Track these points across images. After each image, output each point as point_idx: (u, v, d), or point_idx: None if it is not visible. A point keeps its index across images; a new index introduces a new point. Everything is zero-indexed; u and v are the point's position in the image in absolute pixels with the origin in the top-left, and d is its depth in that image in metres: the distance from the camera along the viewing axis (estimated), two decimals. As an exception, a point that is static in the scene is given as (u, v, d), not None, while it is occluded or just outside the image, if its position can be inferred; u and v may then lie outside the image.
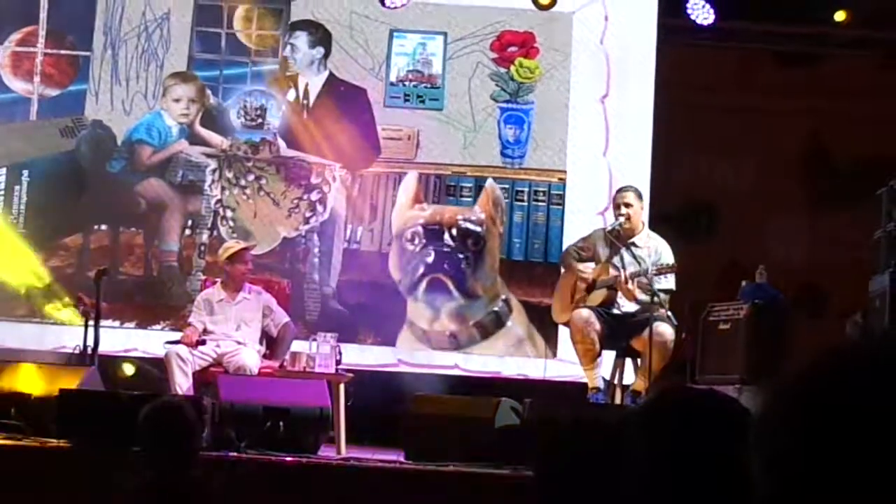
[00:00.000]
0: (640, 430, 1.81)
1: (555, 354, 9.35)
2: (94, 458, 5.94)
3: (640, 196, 7.87)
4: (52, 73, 9.94)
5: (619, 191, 7.96)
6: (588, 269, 7.74)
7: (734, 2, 9.88)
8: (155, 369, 8.66)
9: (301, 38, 9.96)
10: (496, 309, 9.63)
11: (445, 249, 9.55)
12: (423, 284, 9.51)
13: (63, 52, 9.96)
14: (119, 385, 8.33)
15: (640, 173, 9.46)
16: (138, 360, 9.33)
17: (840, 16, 9.80)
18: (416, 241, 9.58)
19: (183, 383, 7.70)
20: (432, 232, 9.58)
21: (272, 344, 8.16)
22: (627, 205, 7.71)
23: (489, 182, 9.72)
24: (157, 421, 4.14)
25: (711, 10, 9.78)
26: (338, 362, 7.75)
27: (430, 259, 9.53)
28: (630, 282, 7.53)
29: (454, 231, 9.58)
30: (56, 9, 9.94)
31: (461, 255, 9.56)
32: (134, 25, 9.93)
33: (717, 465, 1.69)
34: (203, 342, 7.95)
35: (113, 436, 5.79)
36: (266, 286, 8.46)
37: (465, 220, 9.63)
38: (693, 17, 9.85)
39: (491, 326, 9.61)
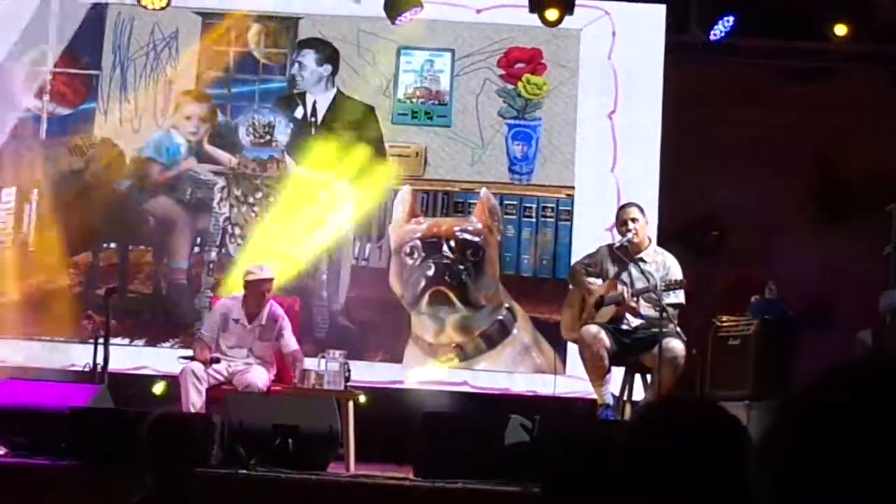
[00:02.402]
0: (632, 441, 1.80)
1: (564, 370, 9.32)
2: (103, 477, 5.93)
3: (643, 211, 7.86)
4: (65, 91, 9.97)
5: (623, 207, 7.94)
6: (597, 283, 7.73)
7: (742, 18, 9.87)
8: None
9: (309, 56, 9.98)
10: (500, 317, 9.62)
11: (445, 261, 9.56)
12: (426, 298, 9.52)
13: (72, 70, 9.99)
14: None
15: (648, 189, 9.45)
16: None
17: (841, 30, 9.76)
18: (416, 255, 9.59)
19: (196, 401, 7.70)
20: (430, 245, 9.59)
21: (280, 364, 8.16)
22: (634, 220, 7.69)
23: (484, 191, 9.73)
24: (158, 432, 4.12)
25: (732, 19, 9.77)
26: (346, 379, 7.75)
27: (430, 272, 9.53)
28: (634, 299, 7.52)
29: (452, 242, 9.59)
30: (70, 29, 9.96)
31: (461, 266, 9.56)
32: (142, 44, 9.96)
33: (711, 479, 1.68)
34: (217, 360, 7.94)
35: (122, 454, 5.78)
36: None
37: (462, 230, 9.64)
38: (716, 33, 9.80)
39: (496, 335, 9.61)
